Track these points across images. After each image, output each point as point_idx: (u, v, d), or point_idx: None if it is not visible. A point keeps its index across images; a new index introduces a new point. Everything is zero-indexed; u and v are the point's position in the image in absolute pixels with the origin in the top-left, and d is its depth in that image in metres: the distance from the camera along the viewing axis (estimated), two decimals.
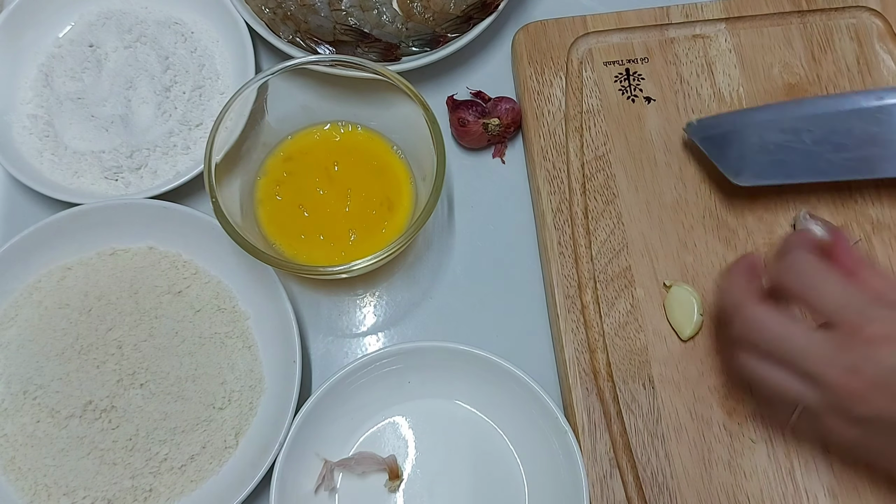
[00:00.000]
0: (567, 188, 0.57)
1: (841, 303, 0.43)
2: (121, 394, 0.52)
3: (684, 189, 0.57)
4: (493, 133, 0.59)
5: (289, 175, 0.56)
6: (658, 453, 0.51)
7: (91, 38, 0.62)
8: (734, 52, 0.61)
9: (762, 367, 0.46)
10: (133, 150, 0.58)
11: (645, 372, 0.53)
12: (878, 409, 0.42)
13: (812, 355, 0.43)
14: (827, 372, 0.42)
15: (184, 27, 0.63)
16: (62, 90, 0.60)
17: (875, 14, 0.61)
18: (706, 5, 0.62)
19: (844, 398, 0.42)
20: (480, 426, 0.53)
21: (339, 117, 0.58)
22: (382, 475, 0.52)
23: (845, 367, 0.42)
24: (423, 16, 0.60)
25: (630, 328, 0.54)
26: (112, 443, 0.51)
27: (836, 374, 0.42)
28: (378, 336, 0.57)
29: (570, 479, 0.49)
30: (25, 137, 0.59)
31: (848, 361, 0.42)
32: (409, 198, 0.56)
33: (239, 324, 0.55)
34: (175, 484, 0.51)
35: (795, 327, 0.44)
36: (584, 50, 0.61)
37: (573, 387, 0.52)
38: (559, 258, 0.55)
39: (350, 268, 0.49)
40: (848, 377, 0.42)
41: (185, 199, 0.58)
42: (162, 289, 0.55)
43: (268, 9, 0.60)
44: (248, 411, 0.53)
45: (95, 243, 0.56)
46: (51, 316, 0.54)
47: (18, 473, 0.51)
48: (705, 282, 0.55)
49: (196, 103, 0.60)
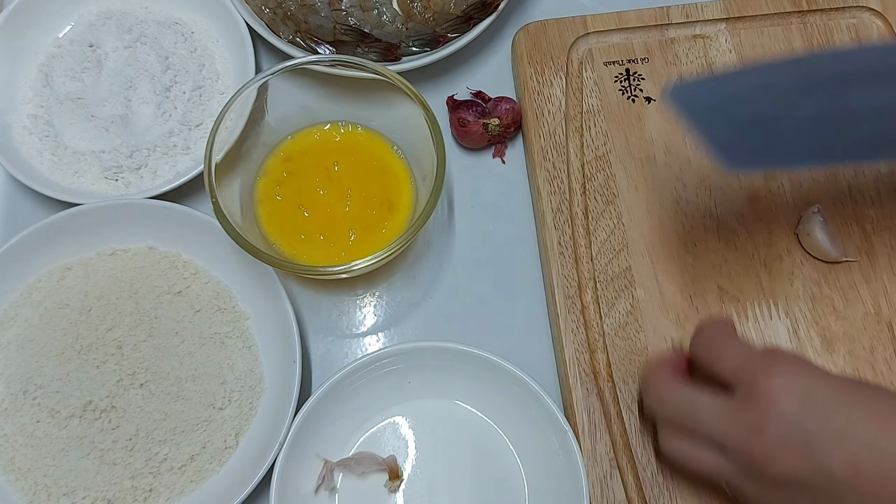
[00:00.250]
0: (567, 188, 0.57)
1: (738, 362, 0.42)
2: (121, 394, 0.52)
3: (684, 189, 0.57)
4: (494, 133, 0.59)
5: (289, 175, 0.56)
6: (658, 453, 0.51)
7: (91, 38, 0.62)
8: (734, 52, 0.61)
9: (675, 442, 0.45)
10: (133, 150, 0.58)
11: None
12: (789, 467, 0.39)
13: (715, 420, 0.42)
14: (731, 434, 0.41)
15: (184, 27, 0.63)
16: (62, 90, 0.60)
17: (875, 14, 0.61)
18: (706, 5, 0.62)
19: (753, 461, 0.40)
20: (480, 426, 0.53)
21: (339, 117, 0.58)
22: (382, 475, 0.52)
23: (748, 427, 0.40)
24: (423, 16, 0.60)
25: (630, 328, 0.54)
26: (112, 443, 0.51)
27: (739, 436, 0.41)
28: (378, 336, 0.57)
29: (570, 480, 0.49)
30: (25, 137, 0.59)
31: (749, 420, 0.40)
32: (409, 198, 0.56)
33: (239, 324, 0.55)
34: (175, 484, 0.51)
35: (699, 396, 0.43)
36: (584, 50, 0.61)
37: (573, 387, 0.52)
38: (559, 258, 0.55)
39: (350, 268, 0.49)
40: (751, 437, 0.40)
41: (185, 199, 0.58)
42: (162, 289, 0.55)
43: (268, 9, 0.60)
44: (248, 411, 0.53)
45: (95, 243, 0.56)
46: (50, 316, 0.54)
47: (18, 473, 0.51)
48: (705, 282, 0.55)
49: (196, 103, 0.60)
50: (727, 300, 0.54)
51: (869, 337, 0.53)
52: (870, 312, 0.54)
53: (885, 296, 0.54)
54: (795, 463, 0.39)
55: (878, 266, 0.55)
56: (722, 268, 0.55)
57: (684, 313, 0.54)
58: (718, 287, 0.54)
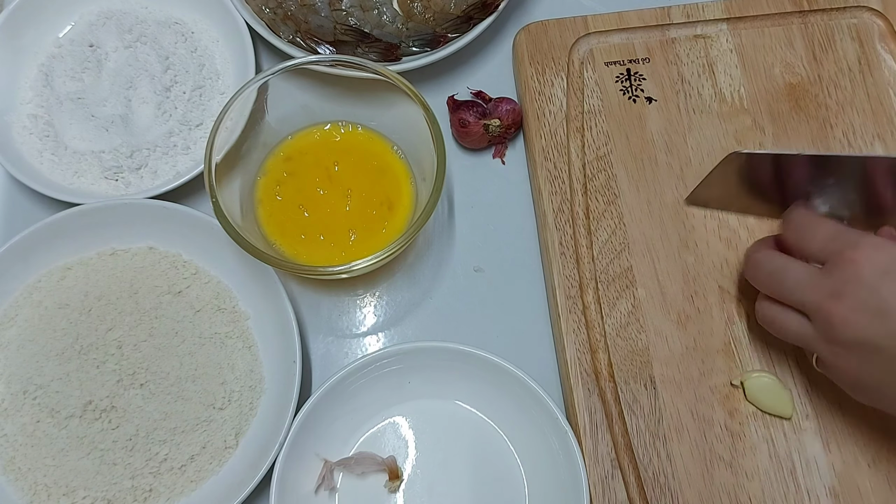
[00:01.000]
0: (568, 188, 0.57)
1: (829, 237, 0.45)
2: (121, 394, 0.52)
3: (685, 189, 0.57)
4: (494, 134, 0.59)
5: (289, 175, 0.56)
6: (660, 454, 0.51)
7: (91, 38, 0.62)
8: (735, 52, 0.60)
9: (768, 308, 0.48)
10: (133, 150, 0.58)
11: (646, 372, 0.53)
12: (862, 330, 0.42)
13: (802, 286, 0.45)
14: (813, 299, 0.44)
15: (184, 27, 0.63)
16: (62, 90, 0.60)
17: (876, 14, 0.61)
18: (707, 5, 0.61)
19: (831, 324, 0.43)
20: (481, 427, 0.53)
21: (339, 117, 0.57)
22: (383, 475, 0.52)
23: (829, 292, 0.43)
24: (423, 16, 0.60)
25: (631, 328, 0.54)
26: (112, 443, 0.51)
27: (820, 300, 0.43)
28: (378, 336, 0.57)
29: (570, 480, 0.49)
30: (25, 137, 0.59)
31: (830, 286, 0.43)
32: (409, 198, 0.56)
33: (239, 324, 0.55)
34: (175, 484, 0.51)
35: (790, 263, 0.46)
36: (585, 50, 0.61)
37: (574, 387, 0.52)
38: (560, 258, 0.55)
39: (350, 268, 0.49)
40: (830, 301, 0.43)
41: (185, 199, 0.58)
42: (162, 289, 0.55)
43: (268, 9, 0.60)
44: (248, 411, 0.53)
45: (95, 243, 0.56)
46: (51, 316, 0.54)
47: (18, 473, 0.51)
48: (706, 282, 0.54)
49: (196, 103, 0.60)
50: (728, 300, 0.54)
51: None
52: None
53: None
54: (869, 327, 0.42)
55: None
56: (723, 268, 0.55)
57: (685, 313, 0.54)
58: (719, 287, 0.54)
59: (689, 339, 0.53)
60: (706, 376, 0.52)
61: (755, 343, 0.53)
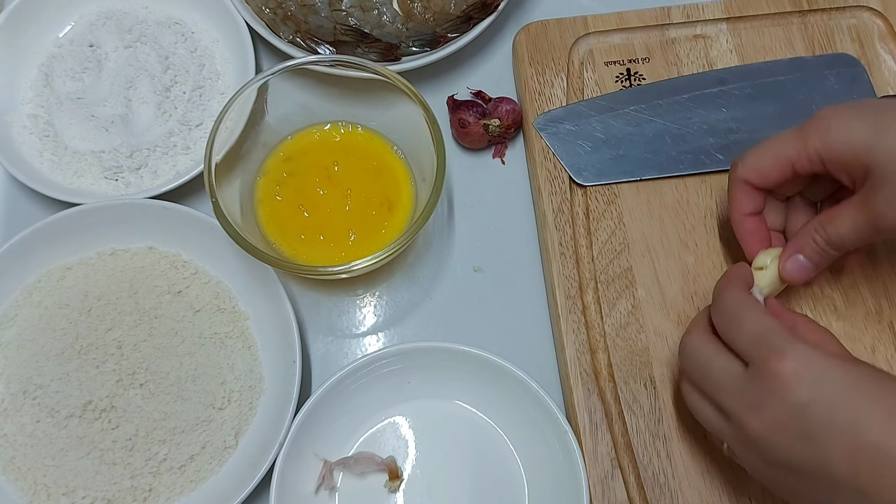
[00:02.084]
0: (568, 188, 0.57)
1: (754, 337, 0.41)
2: (120, 394, 0.52)
3: (685, 189, 0.57)
4: (494, 134, 0.59)
5: (289, 175, 0.56)
6: (660, 454, 0.51)
7: (91, 37, 0.62)
8: (735, 52, 0.60)
9: (689, 393, 0.45)
10: (133, 150, 0.58)
11: (646, 372, 0.53)
12: (780, 451, 0.39)
13: (724, 389, 0.42)
14: (733, 407, 0.41)
15: (184, 27, 0.63)
16: (62, 90, 0.60)
17: (876, 14, 0.61)
18: (707, 5, 0.61)
19: (747, 436, 0.40)
20: (481, 427, 0.53)
21: (339, 117, 0.58)
22: (382, 475, 0.52)
23: (749, 403, 0.40)
24: (423, 16, 0.60)
25: (631, 328, 0.54)
26: (112, 443, 0.51)
27: (739, 409, 0.41)
28: (378, 336, 0.57)
29: (570, 480, 0.49)
30: (25, 137, 0.59)
31: (752, 396, 0.40)
32: (409, 198, 0.56)
33: (239, 324, 0.55)
34: (175, 484, 0.51)
35: (716, 358, 0.43)
36: (585, 50, 0.61)
37: (574, 387, 0.52)
38: (560, 258, 0.55)
39: (350, 268, 0.49)
40: (750, 414, 0.40)
41: (185, 199, 0.58)
42: (162, 289, 0.55)
43: (268, 9, 0.60)
44: (248, 411, 0.53)
45: (95, 243, 0.56)
46: (50, 316, 0.54)
47: (18, 473, 0.51)
48: (706, 282, 0.54)
49: (196, 103, 0.60)
50: None
51: (870, 337, 0.53)
52: (871, 312, 0.53)
53: (886, 296, 0.54)
54: (790, 448, 0.39)
55: (878, 266, 0.54)
56: (723, 268, 0.55)
57: (685, 313, 0.54)
58: None
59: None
60: None
61: None
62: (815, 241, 0.46)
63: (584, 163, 0.57)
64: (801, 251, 0.47)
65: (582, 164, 0.57)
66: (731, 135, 0.57)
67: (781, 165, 0.47)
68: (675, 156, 0.57)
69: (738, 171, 0.48)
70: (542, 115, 0.58)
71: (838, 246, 0.46)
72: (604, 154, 0.57)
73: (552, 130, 0.58)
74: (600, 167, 0.57)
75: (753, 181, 0.48)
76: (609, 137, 0.57)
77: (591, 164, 0.57)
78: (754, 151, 0.48)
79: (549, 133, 0.57)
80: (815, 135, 0.45)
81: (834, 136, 0.44)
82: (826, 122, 0.45)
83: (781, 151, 0.46)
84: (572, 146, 0.57)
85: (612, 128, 0.58)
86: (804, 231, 0.47)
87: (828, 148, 0.45)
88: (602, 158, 0.57)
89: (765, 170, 0.47)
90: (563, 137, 0.57)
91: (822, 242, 0.46)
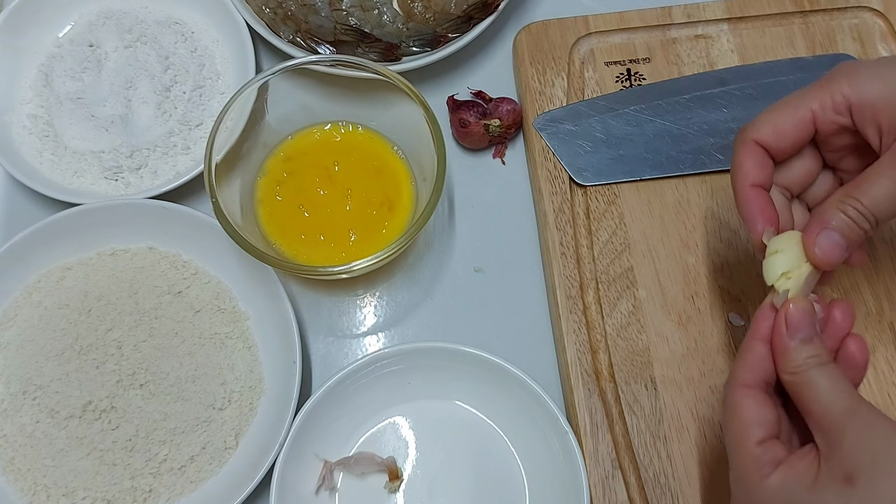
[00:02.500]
0: (568, 188, 0.57)
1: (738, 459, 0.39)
2: (120, 394, 0.52)
3: (686, 189, 0.57)
4: (494, 134, 0.59)
5: (289, 175, 0.56)
6: (660, 454, 0.51)
7: (91, 37, 0.62)
8: (736, 52, 0.60)
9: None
10: (133, 150, 0.58)
11: (647, 373, 0.52)
12: None
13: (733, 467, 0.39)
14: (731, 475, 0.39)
15: (184, 27, 0.63)
16: (62, 90, 0.60)
17: (877, 14, 0.61)
18: (708, 5, 0.61)
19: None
20: (481, 427, 0.53)
21: (339, 117, 0.57)
22: (383, 475, 0.52)
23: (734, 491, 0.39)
24: (423, 16, 0.60)
25: (632, 329, 0.54)
26: (112, 443, 0.51)
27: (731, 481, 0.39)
28: (378, 336, 0.57)
29: (570, 480, 0.49)
30: (25, 137, 0.59)
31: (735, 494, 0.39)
32: (409, 198, 0.56)
33: (239, 324, 0.55)
34: (175, 485, 0.51)
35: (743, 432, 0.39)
36: (585, 50, 0.61)
37: (575, 388, 0.52)
38: (561, 259, 0.55)
39: (350, 268, 0.49)
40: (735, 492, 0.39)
41: (185, 199, 0.58)
42: (162, 289, 0.55)
43: (268, 9, 0.60)
44: (248, 412, 0.53)
45: (95, 243, 0.56)
46: (50, 316, 0.54)
47: (18, 474, 0.51)
48: (707, 282, 0.54)
49: (196, 103, 0.60)
50: (728, 301, 0.54)
51: (871, 337, 0.53)
52: (871, 313, 0.53)
53: (886, 296, 0.54)
54: None
55: (879, 267, 0.54)
56: (724, 268, 0.55)
57: (686, 314, 0.54)
58: (720, 287, 0.54)
59: (690, 339, 0.53)
60: (707, 377, 0.52)
61: None
62: (846, 213, 0.39)
63: (584, 163, 0.57)
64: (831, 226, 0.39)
65: (582, 164, 0.57)
66: (732, 135, 0.57)
67: (802, 119, 0.41)
68: (675, 156, 0.57)
69: (747, 131, 0.42)
70: (542, 115, 0.58)
71: (873, 214, 0.39)
72: (604, 154, 0.57)
73: (552, 130, 0.57)
74: (601, 167, 0.57)
75: (766, 140, 0.41)
76: (609, 137, 0.57)
77: (592, 164, 0.57)
78: (769, 109, 0.42)
79: (550, 133, 0.57)
80: (843, 80, 0.40)
81: (865, 81, 0.39)
82: (853, 69, 0.40)
83: (802, 103, 0.41)
84: (573, 146, 0.57)
85: (612, 128, 0.58)
86: (828, 204, 0.40)
87: (859, 92, 0.39)
88: (602, 158, 0.57)
89: (781, 125, 0.41)
90: (564, 137, 0.57)
91: (853, 213, 0.39)
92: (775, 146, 0.42)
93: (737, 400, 0.39)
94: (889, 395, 0.51)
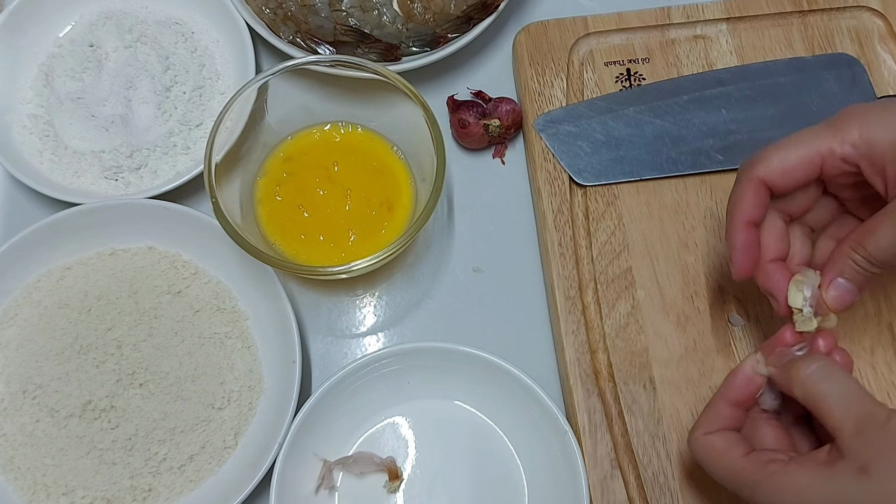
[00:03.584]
0: (567, 189, 0.57)
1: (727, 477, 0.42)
2: (120, 393, 0.52)
3: (685, 190, 0.57)
4: (494, 134, 0.59)
5: (289, 175, 0.56)
6: (659, 454, 0.51)
7: (91, 37, 0.62)
8: (735, 52, 0.60)
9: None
10: (133, 150, 0.58)
11: (646, 373, 0.53)
12: None
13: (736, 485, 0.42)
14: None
15: (184, 27, 0.63)
16: (62, 90, 0.60)
17: (876, 14, 0.61)
18: (707, 6, 0.61)
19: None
20: (480, 427, 0.53)
21: (339, 117, 0.58)
22: (382, 475, 0.52)
23: None
24: (423, 16, 0.60)
25: (631, 329, 0.54)
26: (111, 442, 0.51)
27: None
28: (378, 336, 0.57)
29: (570, 480, 0.49)
30: (25, 137, 0.59)
31: None
32: (408, 198, 0.56)
33: (239, 324, 0.55)
34: (174, 484, 0.51)
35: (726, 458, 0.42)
36: (585, 50, 0.61)
37: (574, 388, 0.52)
38: (560, 259, 0.55)
39: (350, 268, 0.49)
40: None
41: (185, 199, 0.58)
42: (161, 289, 0.55)
43: (268, 9, 0.60)
44: (248, 411, 0.53)
45: (95, 243, 0.56)
46: (50, 315, 0.54)
47: (17, 473, 0.51)
48: (706, 282, 0.54)
49: (196, 103, 0.60)
50: (728, 301, 0.54)
51: (869, 338, 0.53)
52: (870, 314, 0.53)
53: (885, 297, 0.54)
54: None
55: None
56: (723, 268, 0.55)
57: (685, 314, 0.54)
58: (720, 287, 0.54)
59: (689, 339, 0.53)
60: (706, 377, 0.52)
61: (755, 344, 0.53)
62: (855, 261, 0.42)
63: (583, 163, 0.57)
64: (841, 274, 0.43)
65: (582, 164, 0.57)
66: (731, 136, 0.57)
67: (810, 161, 0.42)
68: (674, 157, 0.57)
69: (754, 168, 0.43)
70: (541, 115, 0.58)
71: (881, 261, 0.42)
72: (603, 155, 0.57)
73: (552, 131, 0.58)
74: (600, 168, 0.57)
75: (773, 180, 0.43)
76: (609, 138, 0.57)
77: (591, 164, 0.57)
78: (776, 146, 0.43)
79: (549, 134, 0.57)
80: (853, 127, 0.41)
81: (875, 128, 0.41)
82: (863, 114, 0.41)
83: (811, 145, 0.42)
84: (572, 147, 0.57)
85: (611, 128, 0.58)
86: (839, 252, 0.43)
87: (868, 140, 0.41)
88: (602, 159, 0.57)
89: (789, 167, 0.42)
90: (563, 138, 0.57)
91: (862, 261, 0.42)
92: (780, 185, 0.43)
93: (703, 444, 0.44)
94: (889, 395, 0.52)
